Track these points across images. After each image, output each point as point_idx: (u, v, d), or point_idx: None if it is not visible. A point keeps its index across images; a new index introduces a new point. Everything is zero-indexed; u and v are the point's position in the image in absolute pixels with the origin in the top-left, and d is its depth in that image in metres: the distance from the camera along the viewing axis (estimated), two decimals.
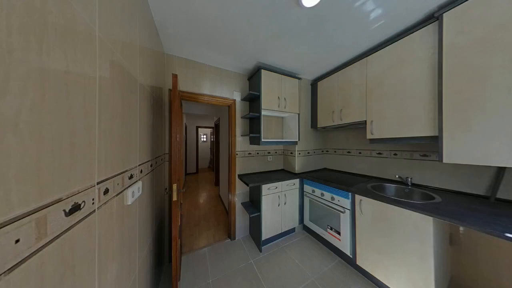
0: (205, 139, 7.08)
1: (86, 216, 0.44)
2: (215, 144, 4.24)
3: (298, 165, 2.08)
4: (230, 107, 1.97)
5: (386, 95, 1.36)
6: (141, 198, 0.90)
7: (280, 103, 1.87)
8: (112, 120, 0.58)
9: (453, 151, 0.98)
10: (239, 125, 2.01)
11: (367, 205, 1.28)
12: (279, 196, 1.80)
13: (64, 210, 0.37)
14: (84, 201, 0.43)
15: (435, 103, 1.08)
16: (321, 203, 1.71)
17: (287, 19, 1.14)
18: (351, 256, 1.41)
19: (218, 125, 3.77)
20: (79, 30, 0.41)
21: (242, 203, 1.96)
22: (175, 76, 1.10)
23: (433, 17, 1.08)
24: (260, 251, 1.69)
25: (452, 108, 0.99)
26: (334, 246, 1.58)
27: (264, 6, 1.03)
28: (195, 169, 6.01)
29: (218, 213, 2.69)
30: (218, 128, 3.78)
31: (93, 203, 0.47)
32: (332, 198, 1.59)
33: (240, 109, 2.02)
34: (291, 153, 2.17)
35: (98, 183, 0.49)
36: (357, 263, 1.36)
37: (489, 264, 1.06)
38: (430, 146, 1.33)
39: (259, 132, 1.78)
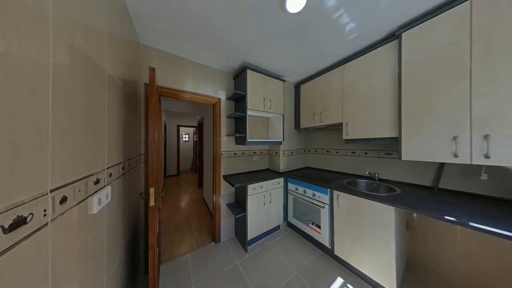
0: (187, 139, 6.69)
1: (35, 231, 0.36)
2: (199, 144, 4.05)
3: (282, 165, 2.15)
4: (214, 106, 1.91)
5: (358, 100, 1.53)
6: (111, 205, 0.80)
7: (266, 103, 1.90)
8: (72, 116, 0.49)
9: (409, 150, 1.17)
10: (224, 125, 1.97)
11: (343, 200, 1.41)
12: (264, 195, 1.83)
13: (2, 226, 0.30)
14: (31, 213, 0.35)
15: (396, 109, 1.26)
16: (304, 200, 1.81)
17: (273, 22, 1.16)
18: (330, 247, 1.53)
19: (202, 124, 3.61)
20: (25, 5, 0.33)
21: (227, 204, 1.92)
22: (152, 70, 1.00)
23: (394, 36, 1.26)
24: (246, 251, 1.68)
25: (408, 114, 1.17)
26: (315, 239, 1.69)
27: (250, 6, 1.03)
28: (176, 170, 5.62)
29: (201, 216, 2.57)
30: (202, 128, 3.62)
31: (45, 215, 0.39)
32: (314, 195, 1.69)
33: (225, 108, 1.97)
34: (276, 153, 2.23)
35: (52, 191, 0.41)
36: (335, 253, 1.48)
37: (435, 243, 1.29)
38: (392, 145, 1.55)
39: (244, 132, 1.77)
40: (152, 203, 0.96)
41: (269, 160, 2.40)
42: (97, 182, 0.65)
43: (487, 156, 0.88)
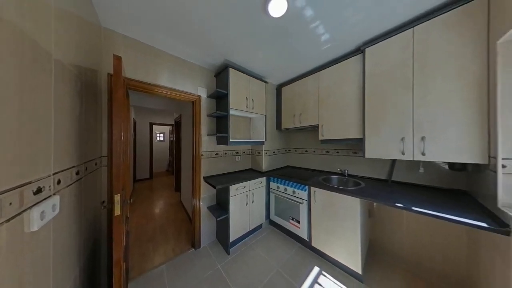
0: (162, 138, 6.09)
1: None
2: (176, 144, 3.73)
3: (265, 164, 2.19)
4: (194, 103, 1.80)
5: (332, 105, 1.70)
6: (59, 219, 0.66)
7: (248, 103, 1.90)
8: None
9: (370, 149, 1.37)
10: (205, 124, 1.88)
11: (319, 195, 1.54)
12: (247, 195, 1.83)
13: None
14: None
15: (361, 115, 1.46)
16: (285, 197, 1.89)
17: (256, 23, 1.17)
18: (308, 240, 1.65)
19: (180, 122, 3.34)
20: None
21: (208, 207, 1.84)
22: (117, 58, 0.87)
23: (360, 50, 1.45)
24: (228, 253, 1.65)
25: (370, 118, 1.37)
26: (295, 234, 1.79)
27: (233, 4, 1.01)
28: (148, 173, 5.04)
29: (179, 221, 2.38)
30: (179, 126, 3.35)
31: None
32: (294, 192, 1.79)
33: (206, 106, 1.88)
34: (259, 152, 2.26)
35: None
36: (313, 245, 1.60)
37: (389, 226, 1.54)
38: (358, 145, 1.78)
39: (227, 131, 1.73)
40: (117, 212, 0.83)
41: (252, 160, 2.41)
42: (38, 191, 0.52)
43: (423, 154, 1.11)
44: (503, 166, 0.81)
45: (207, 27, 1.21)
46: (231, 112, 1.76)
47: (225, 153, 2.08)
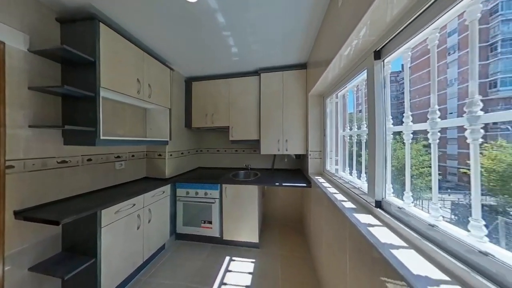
0: None
1: None
2: None
3: (169, 169, 1.79)
4: None
5: (239, 110, 1.99)
6: None
7: (142, 89, 1.39)
8: None
9: (263, 148, 1.89)
10: (24, 103, 0.95)
11: (229, 190, 1.70)
12: (139, 216, 1.32)
13: None
14: None
15: (258, 121, 1.94)
16: (196, 202, 1.74)
17: None
18: (219, 236, 1.72)
19: None
20: None
21: (32, 268, 0.95)
22: None
23: (257, 73, 1.92)
24: None
25: (263, 125, 1.89)
26: (208, 236, 1.75)
27: None
28: None
29: None
30: None
31: None
32: (206, 194, 1.73)
33: (26, 69, 0.96)
34: (160, 155, 1.78)
35: None
36: (224, 238, 1.71)
37: (274, 200, 2.26)
38: (256, 145, 2.33)
39: (94, 123, 1.06)
40: None
41: (148, 165, 1.82)
42: None
43: (287, 150, 1.83)
44: (310, 155, 1.68)
45: None
46: (103, 93, 1.12)
47: (90, 160, 1.28)
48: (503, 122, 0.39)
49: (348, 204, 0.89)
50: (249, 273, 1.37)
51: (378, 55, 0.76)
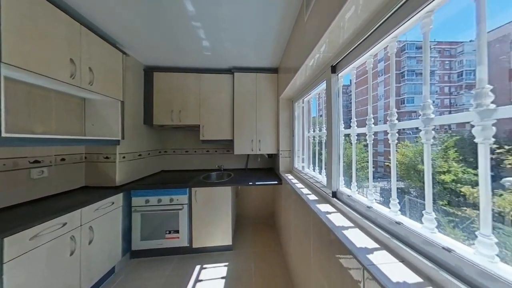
0: None
1: None
2: None
3: (121, 174, 1.48)
4: None
5: (211, 108, 1.89)
6: None
7: (78, 72, 1.08)
8: None
9: (237, 148, 1.87)
10: None
11: (200, 193, 1.57)
12: (73, 237, 1.02)
13: None
14: None
15: (231, 121, 1.90)
16: (159, 210, 1.52)
17: None
18: (188, 245, 1.56)
19: None
20: None
21: None
22: None
23: (231, 72, 1.88)
24: None
25: (237, 124, 1.86)
26: (174, 247, 1.56)
27: None
28: None
29: None
30: None
31: None
32: (171, 200, 1.54)
33: None
34: (107, 157, 1.44)
35: None
36: (194, 247, 1.57)
37: (248, 199, 2.28)
38: (230, 145, 2.28)
39: None
40: None
41: (88, 171, 1.44)
42: None
43: (259, 150, 1.89)
44: (281, 154, 1.80)
45: None
46: (7, 72, 0.80)
47: None
48: (408, 128, 0.56)
49: (312, 197, 1.01)
50: (222, 277, 1.32)
51: (334, 69, 0.91)
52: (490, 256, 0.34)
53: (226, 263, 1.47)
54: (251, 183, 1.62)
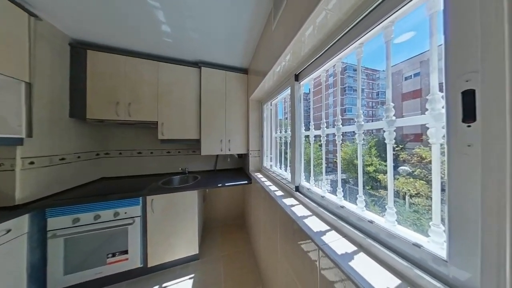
0: None
1: None
2: None
3: (25, 188, 1.04)
4: None
5: (174, 103, 1.66)
6: None
7: None
8: None
9: (205, 148, 1.74)
10: None
11: (158, 202, 1.35)
12: None
13: None
14: None
15: (198, 119, 1.75)
16: (95, 230, 1.17)
17: None
18: (142, 265, 1.30)
19: None
20: None
21: None
22: None
23: (198, 65, 1.73)
24: None
25: (204, 123, 1.73)
26: (121, 272, 1.25)
27: None
28: None
29: None
30: None
31: None
32: (116, 214, 1.23)
33: None
34: (1, 164, 0.97)
35: None
36: (149, 266, 1.33)
37: (217, 202, 2.16)
38: (196, 145, 2.09)
39: None
40: None
41: None
42: None
43: (229, 150, 1.84)
44: (251, 154, 1.84)
45: None
46: None
47: None
48: (348, 131, 0.72)
49: (279, 192, 1.10)
50: None
51: (297, 77, 1.02)
52: (392, 222, 0.49)
53: (192, 275, 1.34)
54: (220, 184, 1.56)
